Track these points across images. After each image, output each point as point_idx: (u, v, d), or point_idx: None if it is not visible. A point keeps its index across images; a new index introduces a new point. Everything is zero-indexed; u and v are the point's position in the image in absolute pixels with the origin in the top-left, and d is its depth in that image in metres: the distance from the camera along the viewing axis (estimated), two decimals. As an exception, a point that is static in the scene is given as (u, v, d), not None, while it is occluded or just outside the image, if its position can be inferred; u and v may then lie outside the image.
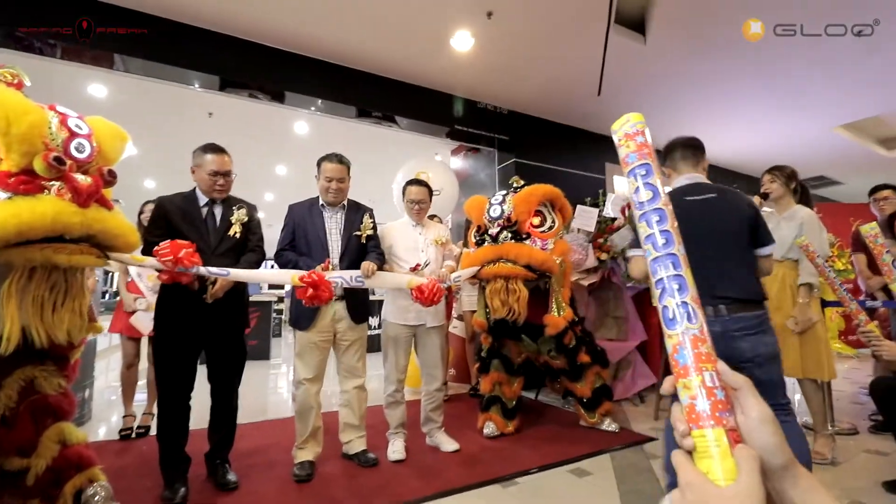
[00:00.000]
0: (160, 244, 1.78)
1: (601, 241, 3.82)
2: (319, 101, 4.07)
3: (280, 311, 10.86)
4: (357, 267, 2.28)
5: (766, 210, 2.62)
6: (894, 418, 1.98)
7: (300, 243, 2.39)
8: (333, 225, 2.44)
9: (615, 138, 0.51)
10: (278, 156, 6.39)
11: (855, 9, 3.17)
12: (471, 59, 3.94)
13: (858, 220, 5.78)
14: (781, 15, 3.29)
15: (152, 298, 2.88)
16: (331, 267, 2.24)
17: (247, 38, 3.62)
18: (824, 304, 3.37)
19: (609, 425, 2.93)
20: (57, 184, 1.37)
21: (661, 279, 0.43)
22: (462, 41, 3.65)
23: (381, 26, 3.51)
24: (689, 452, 0.38)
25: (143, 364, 2.99)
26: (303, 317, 2.33)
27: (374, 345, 5.19)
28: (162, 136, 5.37)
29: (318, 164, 2.44)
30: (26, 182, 1.32)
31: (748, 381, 0.40)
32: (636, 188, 0.48)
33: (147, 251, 1.85)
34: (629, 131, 0.50)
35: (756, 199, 2.59)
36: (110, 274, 2.69)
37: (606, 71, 4.11)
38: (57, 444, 1.51)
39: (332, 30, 3.56)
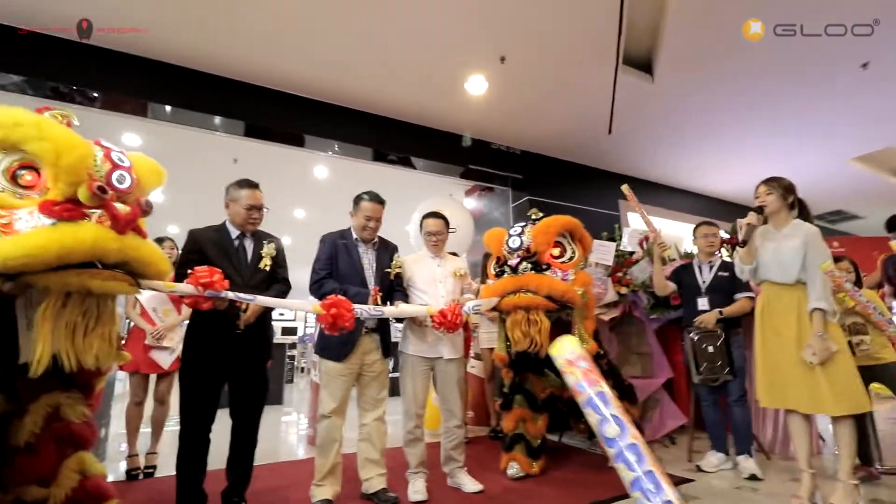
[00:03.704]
0: (198, 268, 1.81)
1: (620, 274, 3.79)
2: (336, 144, 4.24)
3: (293, 358, 10.70)
4: (388, 303, 2.34)
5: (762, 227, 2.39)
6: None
7: (334, 275, 2.40)
8: (367, 261, 2.47)
9: (557, 363, 0.50)
10: (297, 199, 6.58)
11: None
12: (484, 102, 4.10)
13: (883, 253, 5.66)
14: (781, 40, 3.41)
15: (167, 333, 2.91)
16: (378, 297, 2.27)
17: (269, 85, 3.84)
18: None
19: (640, 466, 2.77)
20: (98, 212, 1.43)
21: None
22: (476, 85, 3.82)
23: (398, 72, 3.70)
24: None
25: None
26: (334, 347, 2.30)
27: (393, 388, 5.10)
28: (188, 182, 5.58)
29: (356, 202, 2.48)
30: (70, 210, 1.38)
31: None
32: (600, 420, 0.46)
33: (179, 281, 1.88)
34: (571, 357, 0.49)
35: (751, 215, 2.35)
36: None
37: (616, 110, 4.23)
38: (77, 475, 1.49)
39: (349, 76, 3.75)
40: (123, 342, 2.94)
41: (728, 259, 3.24)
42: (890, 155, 5.47)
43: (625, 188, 3.22)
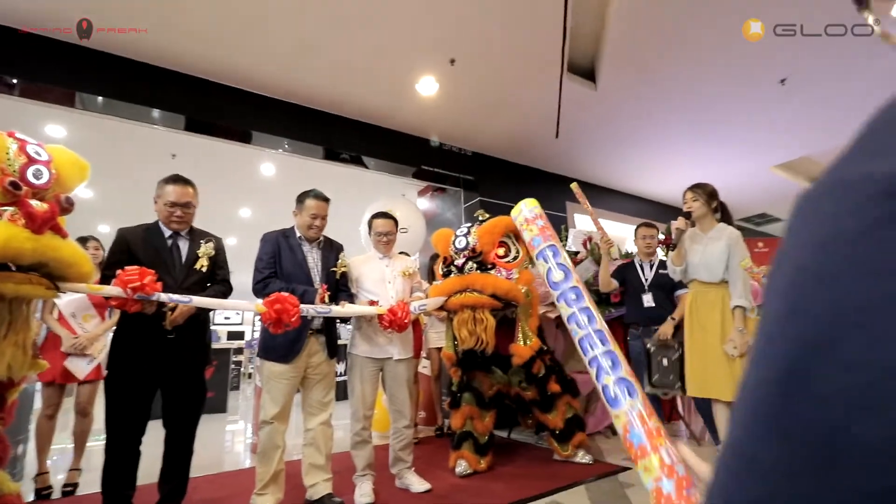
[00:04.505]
0: (127, 268, 1.71)
1: (565, 274, 3.93)
2: (286, 141, 4.12)
3: (239, 363, 10.19)
4: (334, 303, 2.29)
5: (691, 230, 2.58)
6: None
7: (278, 274, 2.33)
8: (311, 260, 2.42)
9: (517, 223, 0.51)
10: (243, 198, 6.34)
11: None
12: (436, 103, 4.13)
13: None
14: (716, 62, 3.67)
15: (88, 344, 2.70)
16: (326, 296, 2.22)
17: (214, 79, 3.69)
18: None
19: (583, 457, 2.90)
20: (10, 209, 1.33)
21: (594, 357, 0.42)
22: (427, 86, 3.84)
23: (349, 71, 3.66)
24: None
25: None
26: (279, 347, 2.23)
27: (340, 392, 5.02)
28: (120, 178, 5.24)
29: (300, 200, 2.42)
30: (-24, 207, 1.27)
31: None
32: (548, 269, 0.47)
33: (105, 284, 1.76)
34: (528, 216, 0.51)
35: (680, 220, 2.54)
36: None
37: (562, 115, 4.38)
38: (-14, 495, 1.37)
39: (300, 73, 3.68)
40: (38, 349, 2.71)
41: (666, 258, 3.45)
42: (807, 163, 6.01)
43: (574, 186, 3.32)
